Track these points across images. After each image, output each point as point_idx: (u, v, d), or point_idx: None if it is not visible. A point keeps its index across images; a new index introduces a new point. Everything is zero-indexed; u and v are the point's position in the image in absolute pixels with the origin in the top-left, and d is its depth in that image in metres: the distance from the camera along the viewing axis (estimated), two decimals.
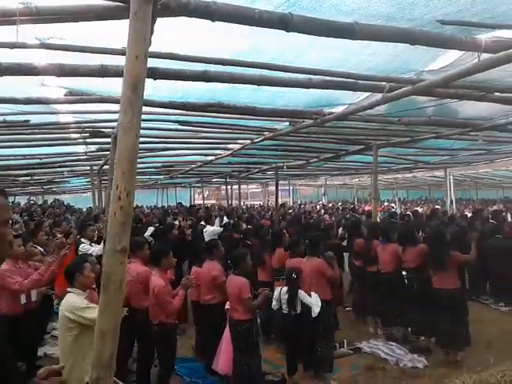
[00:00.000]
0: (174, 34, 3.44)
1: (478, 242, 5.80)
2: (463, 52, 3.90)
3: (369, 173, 14.41)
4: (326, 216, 15.72)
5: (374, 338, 6.34)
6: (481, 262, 8.04)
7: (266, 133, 8.42)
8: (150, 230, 8.83)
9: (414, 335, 6.00)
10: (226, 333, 4.86)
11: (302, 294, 4.90)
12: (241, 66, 4.18)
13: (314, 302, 4.82)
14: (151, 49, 2.39)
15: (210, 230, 9.12)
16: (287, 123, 7.47)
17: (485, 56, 3.63)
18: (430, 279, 5.72)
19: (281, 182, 25.34)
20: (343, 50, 4.03)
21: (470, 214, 12.03)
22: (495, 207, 18.46)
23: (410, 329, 6.08)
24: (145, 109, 2.90)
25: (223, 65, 4.09)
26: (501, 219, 9.60)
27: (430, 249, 5.75)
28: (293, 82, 4.61)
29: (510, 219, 11.59)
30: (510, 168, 16.45)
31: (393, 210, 19.52)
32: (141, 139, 2.31)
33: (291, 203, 27.19)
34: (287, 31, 3.07)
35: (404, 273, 6.38)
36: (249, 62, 4.13)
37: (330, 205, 23.19)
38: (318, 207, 22.66)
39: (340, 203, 26.40)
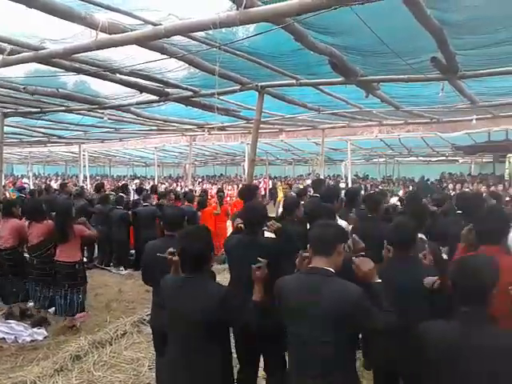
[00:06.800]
0: None
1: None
2: (85, 27, 4.01)
3: None
4: None
5: None
6: (107, 231, 8.72)
7: None
8: None
9: (36, 309, 5.88)
10: None
11: None
12: None
13: None
14: None
15: None
16: None
17: (103, 35, 3.89)
18: (52, 254, 5.69)
19: None
20: None
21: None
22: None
23: (31, 303, 5.93)
24: None
25: None
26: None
27: (55, 222, 5.72)
28: None
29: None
30: (138, 147, 18.29)
31: (25, 184, 18.41)
32: None
33: None
34: None
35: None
36: None
37: None
38: None
39: None
